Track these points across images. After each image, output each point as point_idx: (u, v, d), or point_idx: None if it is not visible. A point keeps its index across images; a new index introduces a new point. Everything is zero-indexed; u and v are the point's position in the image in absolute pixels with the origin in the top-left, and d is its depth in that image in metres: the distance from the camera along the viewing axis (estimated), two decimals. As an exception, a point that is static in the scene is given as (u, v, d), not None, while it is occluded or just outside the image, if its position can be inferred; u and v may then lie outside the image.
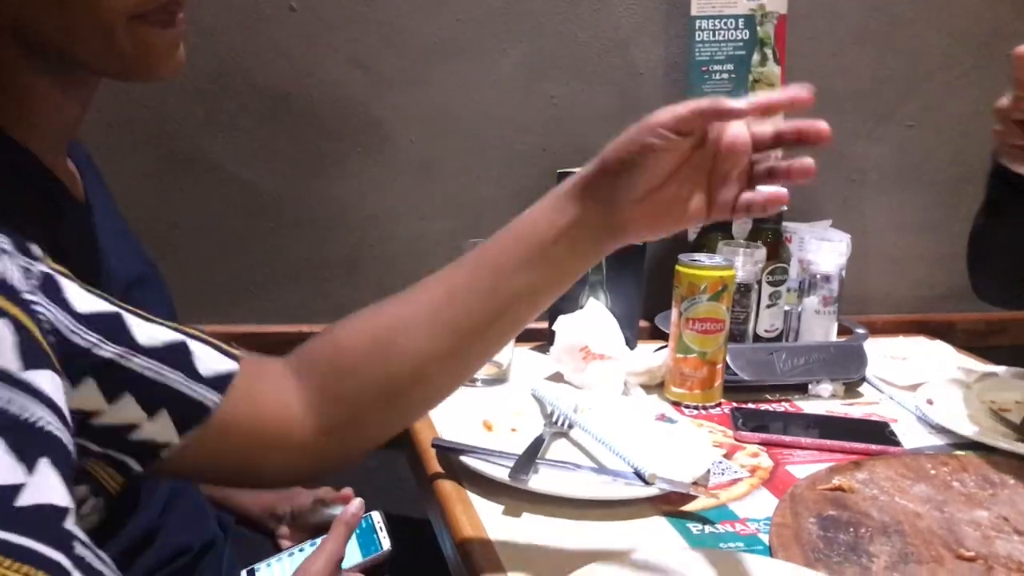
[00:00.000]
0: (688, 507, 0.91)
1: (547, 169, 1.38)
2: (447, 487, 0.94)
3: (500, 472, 0.91)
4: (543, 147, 1.43)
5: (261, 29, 1.32)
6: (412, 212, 1.42)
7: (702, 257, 1.18)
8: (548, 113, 1.43)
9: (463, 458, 0.95)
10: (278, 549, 1.02)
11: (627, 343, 1.27)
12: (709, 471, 0.97)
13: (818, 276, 1.34)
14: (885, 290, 1.62)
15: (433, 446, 0.98)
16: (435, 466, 0.98)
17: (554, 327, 1.24)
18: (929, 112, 1.57)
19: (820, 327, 1.35)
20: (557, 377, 1.24)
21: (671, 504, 0.91)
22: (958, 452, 1.07)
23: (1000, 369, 1.31)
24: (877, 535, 0.86)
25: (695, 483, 0.93)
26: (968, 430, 1.10)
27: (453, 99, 1.40)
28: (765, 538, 0.86)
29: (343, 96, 1.36)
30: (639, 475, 0.92)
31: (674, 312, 1.18)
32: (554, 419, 1.06)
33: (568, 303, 1.31)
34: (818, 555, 0.82)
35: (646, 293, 1.37)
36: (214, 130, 1.34)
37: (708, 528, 0.88)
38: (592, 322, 1.24)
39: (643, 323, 1.42)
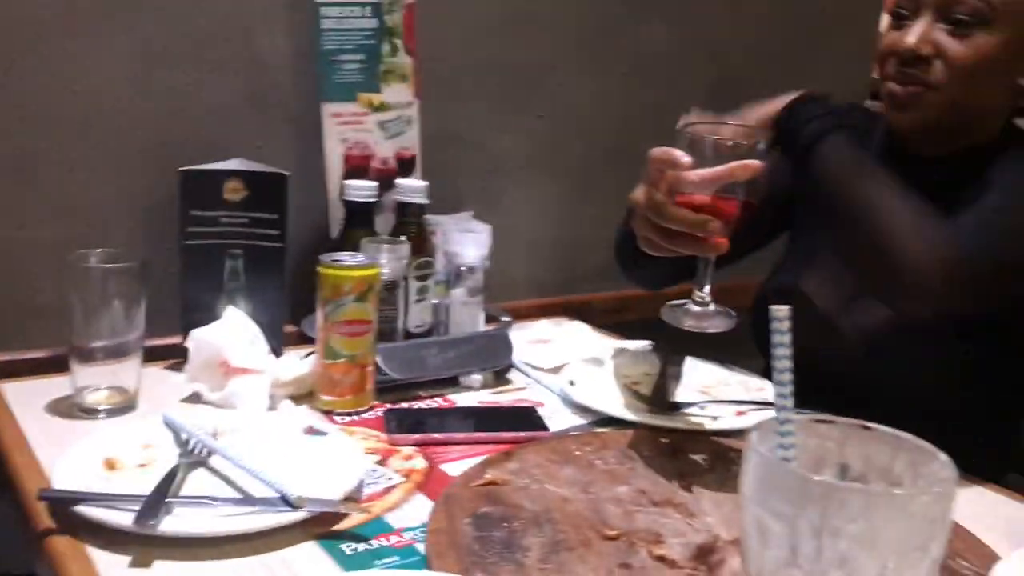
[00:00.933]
0: (342, 525, 0.86)
1: (167, 167, 1.24)
2: (60, 544, 0.80)
3: (124, 519, 0.80)
4: (162, 142, 1.30)
5: None
6: (6, 221, 1.22)
7: (345, 257, 1.13)
8: (166, 105, 1.30)
9: (79, 507, 0.82)
10: None
11: (273, 352, 1.19)
12: (362, 482, 0.93)
13: (463, 268, 1.35)
14: (528, 275, 1.67)
15: (41, 498, 0.84)
16: (46, 520, 0.84)
17: (187, 343, 1.13)
18: (556, 103, 1.64)
19: (468, 318, 1.36)
20: (195, 399, 1.13)
21: (323, 525, 0.85)
22: (599, 430, 1.12)
23: (631, 343, 1.39)
24: (530, 526, 0.86)
25: (347, 498, 0.88)
26: (605, 407, 1.15)
27: (50, 89, 1.22)
28: (422, 547, 0.83)
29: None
30: (285, 499, 0.85)
31: (319, 316, 1.12)
32: (190, 448, 0.96)
33: (204, 314, 1.20)
34: (474, 558, 0.80)
35: (291, 296, 1.30)
36: None
37: (363, 546, 0.83)
38: (231, 333, 1.15)
39: (291, 328, 1.35)
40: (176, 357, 1.21)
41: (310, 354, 1.18)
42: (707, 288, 0.99)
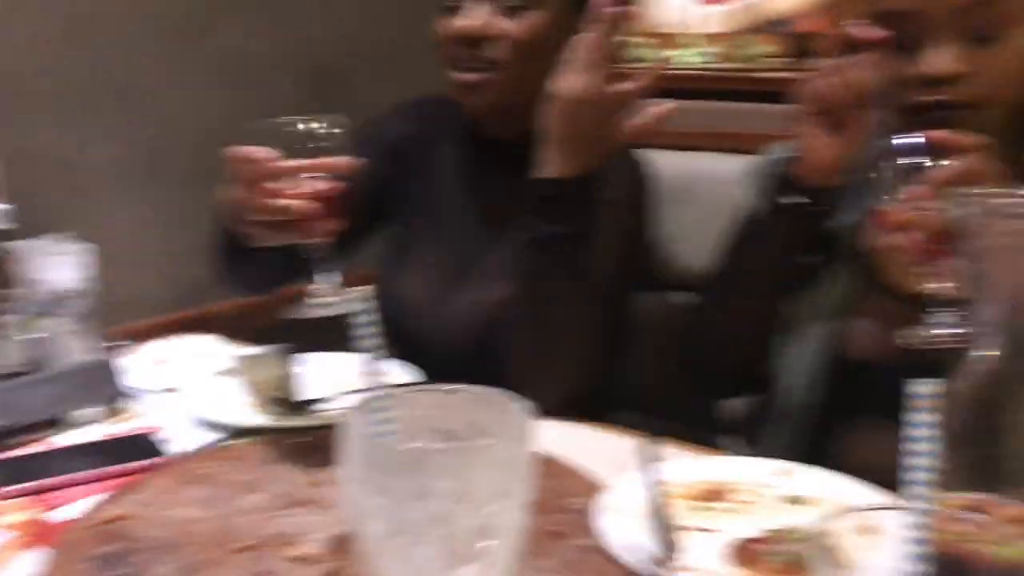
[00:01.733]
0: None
1: None
2: None
3: None
4: None
5: None
6: None
7: (-100, 300, 0.98)
8: None
9: None
10: None
11: None
12: (-46, 550, 0.82)
13: (59, 294, 1.23)
14: (144, 294, 1.58)
15: None
16: None
17: None
18: (148, 111, 1.55)
19: (77, 348, 1.24)
20: None
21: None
22: (232, 442, 1.08)
23: (257, 349, 1.36)
24: (157, 556, 0.81)
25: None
26: (236, 419, 1.11)
27: None
28: (32, 606, 0.75)
29: None
30: None
31: None
32: None
33: None
34: (95, 604, 0.74)
35: None
36: None
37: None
38: None
39: None
40: None
41: None
42: (329, 279, 1.01)
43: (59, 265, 1.24)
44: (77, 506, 0.92)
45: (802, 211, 1.11)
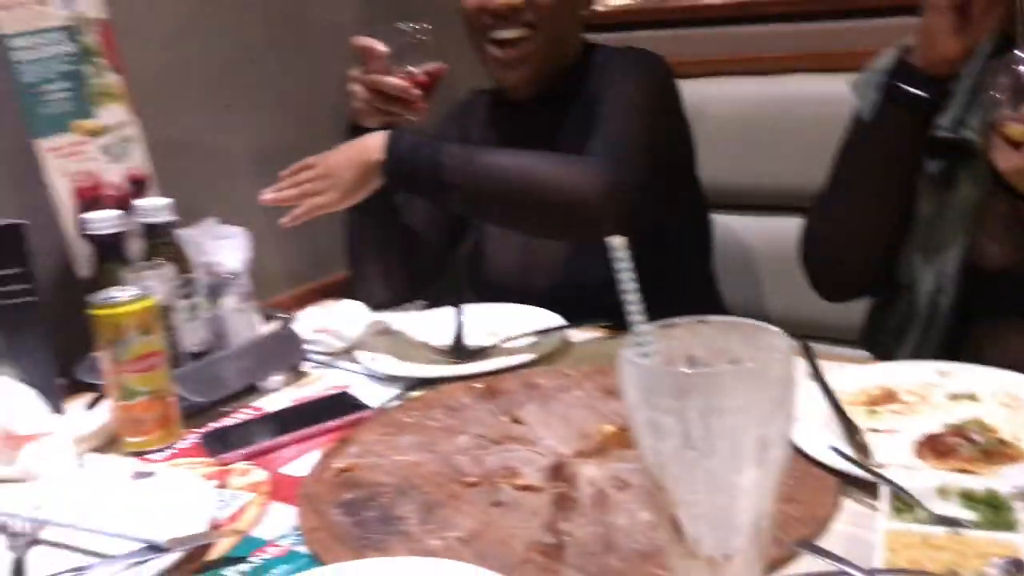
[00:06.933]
0: (213, 556, 0.85)
1: None
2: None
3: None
4: None
5: None
6: None
7: (118, 293, 1.07)
8: None
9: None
10: None
11: (55, 410, 1.11)
12: (214, 508, 0.92)
13: (227, 276, 1.32)
14: (283, 269, 1.67)
15: None
16: None
17: (-41, 424, 1.04)
18: (266, 94, 1.62)
19: (246, 324, 1.34)
20: (-12, 480, 1.04)
21: (194, 562, 0.84)
22: (414, 393, 1.17)
23: (409, 307, 1.45)
24: (397, 497, 0.90)
25: (213, 527, 0.87)
26: (413, 371, 1.21)
27: None
28: (304, 549, 0.85)
29: None
30: (153, 546, 0.83)
31: (106, 360, 1.07)
32: (16, 530, 0.89)
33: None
34: (362, 541, 0.83)
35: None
36: None
37: (246, 566, 0.84)
38: (3, 401, 1.06)
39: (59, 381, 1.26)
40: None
41: (97, 400, 1.12)
42: None
43: (224, 248, 1.33)
44: (300, 463, 1.02)
45: (918, 103, 1.12)
